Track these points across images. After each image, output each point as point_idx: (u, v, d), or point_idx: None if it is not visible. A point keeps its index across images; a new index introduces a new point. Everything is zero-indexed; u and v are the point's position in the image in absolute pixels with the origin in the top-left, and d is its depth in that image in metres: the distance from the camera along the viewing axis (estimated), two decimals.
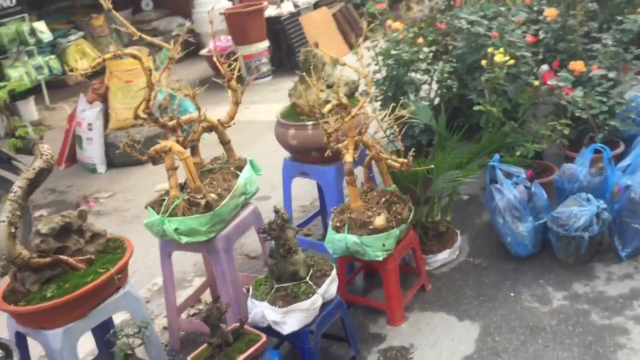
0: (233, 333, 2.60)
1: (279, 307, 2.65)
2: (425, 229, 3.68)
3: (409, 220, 3.18)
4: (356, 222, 3.05)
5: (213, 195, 2.95)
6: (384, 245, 3.05)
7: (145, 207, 3.01)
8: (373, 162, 3.31)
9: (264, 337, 2.58)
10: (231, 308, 3.02)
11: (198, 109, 2.97)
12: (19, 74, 7.61)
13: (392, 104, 4.03)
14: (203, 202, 2.86)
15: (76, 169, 6.35)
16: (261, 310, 2.69)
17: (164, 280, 3.22)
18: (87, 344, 3.14)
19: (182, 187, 2.98)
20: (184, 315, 3.56)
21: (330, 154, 3.06)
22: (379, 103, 4.19)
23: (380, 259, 3.05)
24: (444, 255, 3.66)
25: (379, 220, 3.03)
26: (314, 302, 2.69)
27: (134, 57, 2.77)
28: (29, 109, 8.08)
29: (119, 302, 2.60)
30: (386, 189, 3.30)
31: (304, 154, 3.55)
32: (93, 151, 6.12)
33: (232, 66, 3.17)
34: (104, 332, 2.67)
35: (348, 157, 3.00)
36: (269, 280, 2.81)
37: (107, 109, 6.21)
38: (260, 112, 7.01)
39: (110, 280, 2.53)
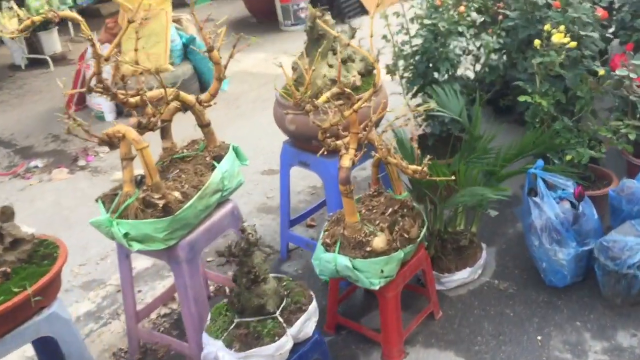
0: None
1: (235, 351, 2.13)
2: (443, 240, 3.07)
3: (418, 240, 2.58)
4: (350, 241, 2.46)
5: (176, 194, 2.40)
6: (382, 271, 2.46)
7: (96, 201, 2.49)
8: None
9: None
10: (192, 329, 2.53)
11: (163, 87, 2.39)
12: (40, 2, 7.11)
13: (420, 83, 3.39)
14: (161, 203, 2.32)
15: (85, 114, 5.89)
16: (214, 350, 2.17)
17: (121, 283, 2.73)
18: None
19: (139, 183, 2.44)
20: (154, 315, 3.10)
21: (325, 152, 2.46)
22: (405, 80, 3.51)
23: (377, 287, 2.48)
24: (462, 275, 3.06)
25: (378, 242, 2.43)
26: (282, 346, 2.15)
27: None
28: (52, 41, 7.63)
29: (41, 326, 2.12)
30: (395, 197, 2.69)
31: (304, 142, 2.95)
32: (101, 98, 5.63)
33: (218, 31, 2.55)
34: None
35: (345, 161, 2.39)
36: (230, 311, 2.28)
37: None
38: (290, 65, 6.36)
39: (27, 302, 2.04)
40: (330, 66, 2.88)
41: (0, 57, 8.04)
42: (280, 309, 2.26)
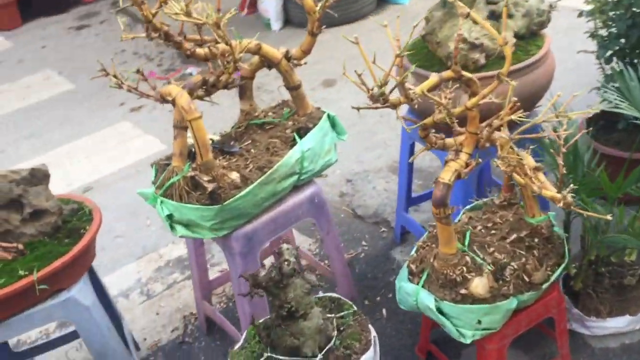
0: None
1: None
2: (599, 273, 2.26)
3: (543, 287, 1.86)
4: (439, 276, 1.83)
5: (234, 177, 1.94)
6: (479, 322, 1.82)
7: (151, 166, 2.12)
8: None
9: None
10: (245, 326, 2.14)
11: (224, 40, 1.86)
12: None
13: (616, 48, 2.46)
14: (209, 187, 1.87)
15: (254, 20, 5.57)
16: None
17: (188, 252, 2.41)
18: None
19: (192, 156, 2.00)
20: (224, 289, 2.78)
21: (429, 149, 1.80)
22: (596, 41, 2.55)
23: (468, 341, 1.84)
24: (618, 323, 2.25)
25: (478, 285, 1.77)
26: None
27: None
28: None
29: (54, 311, 1.86)
30: (527, 220, 1.95)
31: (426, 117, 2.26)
32: (269, 3, 5.23)
33: None
34: None
35: (446, 173, 1.71)
36: (258, 345, 1.81)
37: None
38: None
39: (31, 289, 1.77)
40: (475, 23, 2.11)
41: None
42: (324, 351, 1.75)
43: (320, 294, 1.95)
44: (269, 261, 2.65)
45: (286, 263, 1.62)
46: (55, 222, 1.89)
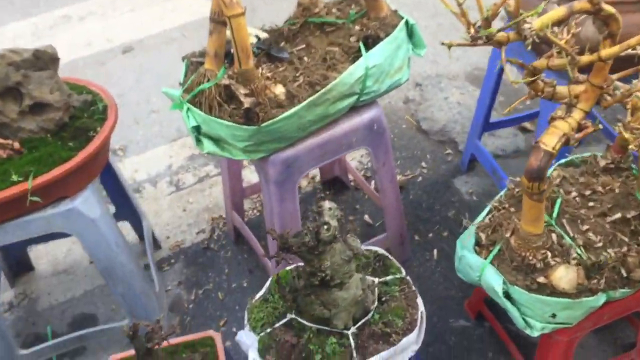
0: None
1: None
2: None
3: None
4: (515, 256, 1.47)
5: (278, 91, 1.56)
6: (553, 315, 1.48)
7: (183, 60, 1.74)
8: None
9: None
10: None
11: None
12: None
13: None
14: (246, 103, 1.51)
15: None
16: (247, 344, 1.49)
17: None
18: None
19: (230, 57, 1.61)
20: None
21: (533, 96, 1.37)
22: None
23: (535, 334, 1.52)
24: None
25: (562, 277, 1.42)
26: None
27: None
28: None
29: (54, 221, 1.60)
30: (637, 194, 1.54)
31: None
32: None
33: None
34: None
35: (550, 137, 1.29)
36: (282, 301, 1.52)
37: None
38: None
39: (22, 199, 1.50)
40: None
41: None
42: (360, 324, 1.45)
43: (364, 246, 1.62)
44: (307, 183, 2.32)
45: (325, 227, 1.28)
46: (60, 118, 1.57)
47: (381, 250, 1.61)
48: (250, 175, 2.51)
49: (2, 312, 2.18)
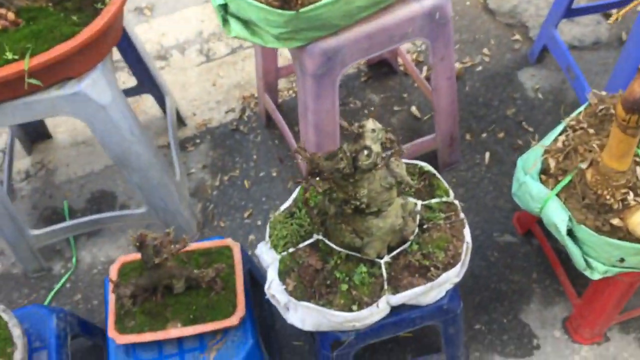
0: None
1: (286, 289, 1.28)
2: None
3: None
4: (589, 192, 1.23)
5: None
6: (621, 260, 1.28)
7: None
8: None
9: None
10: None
11: None
12: None
13: None
14: None
15: None
16: (267, 262, 1.34)
17: None
18: None
19: None
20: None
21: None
22: None
23: (596, 277, 1.33)
24: None
25: (637, 222, 1.20)
26: (360, 318, 1.26)
27: None
28: None
29: (58, 104, 1.41)
30: None
31: None
32: None
33: None
34: None
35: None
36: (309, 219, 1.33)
37: None
38: None
39: (19, 80, 1.30)
40: None
41: None
42: (395, 253, 1.28)
43: (408, 161, 1.40)
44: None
45: (366, 153, 1.05)
46: None
47: (428, 167, 1.39)
48: (287, 52, 2.24)
49: (19, 181, 2.07)
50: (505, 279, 1.76)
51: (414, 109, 2.08)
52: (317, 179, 1.09)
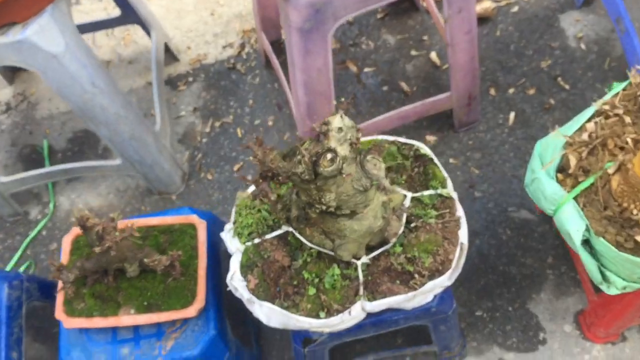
0: None
1: (247, 286, 1.11)
2: None
3: None
4: (612, 203, 1.01)
5: None
6: None
7: None
8: None
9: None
10: (297, 114, 1.48)
11: None
12: None
13: None
14: None
15: None
16: (231, 252, 1.17)
17: None
18: None
19: None
20: None
21: None
22: None
23: (613, 293, 1.13)
24: None
25: None
26: (329, 324, 1.09)
27: None
28: None
29: (5, 52, 1.22)
30: None
31: None
32: None
33: None
34: None
35: None
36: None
37: None
38: None
39: None
40: None
41: None
42: (375, 253, 1.09)
43: (401, 139, 1.18)
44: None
45: (329, 157, 0.84)
46: None
47: (425, 149, 1.18)
48: None
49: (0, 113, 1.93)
50: (516, 261, 1.57)
51: (433, 55, 1.82)
52: (272, 182, 0.89)
